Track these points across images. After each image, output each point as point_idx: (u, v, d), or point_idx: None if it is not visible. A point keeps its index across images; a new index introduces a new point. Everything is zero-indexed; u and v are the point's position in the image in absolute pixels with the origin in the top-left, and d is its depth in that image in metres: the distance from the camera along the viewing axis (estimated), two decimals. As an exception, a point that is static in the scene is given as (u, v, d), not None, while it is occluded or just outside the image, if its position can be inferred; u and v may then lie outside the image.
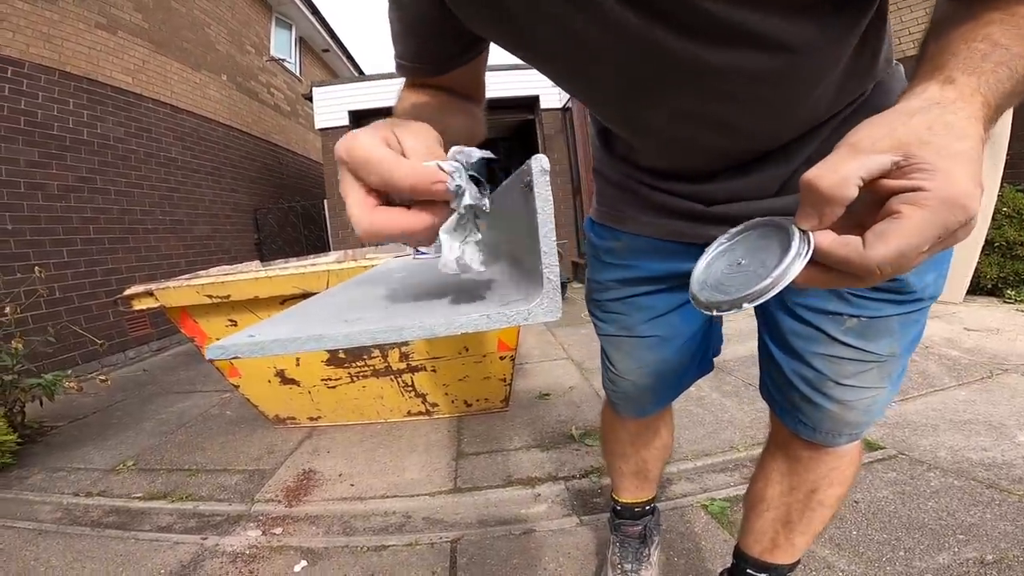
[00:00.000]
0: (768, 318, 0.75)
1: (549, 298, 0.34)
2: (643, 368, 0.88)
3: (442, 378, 2.43)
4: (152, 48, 5.42)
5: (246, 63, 7.53)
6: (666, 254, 0.76)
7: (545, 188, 0.34)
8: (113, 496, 1.92)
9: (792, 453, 0.81)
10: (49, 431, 2.75)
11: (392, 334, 0.35)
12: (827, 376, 0.70)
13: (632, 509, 1.14)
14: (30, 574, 1.44)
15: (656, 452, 1.07)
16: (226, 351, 0.37)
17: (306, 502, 1.78)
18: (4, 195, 3.72)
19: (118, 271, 4.61)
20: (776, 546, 0.86)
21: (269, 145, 7.94)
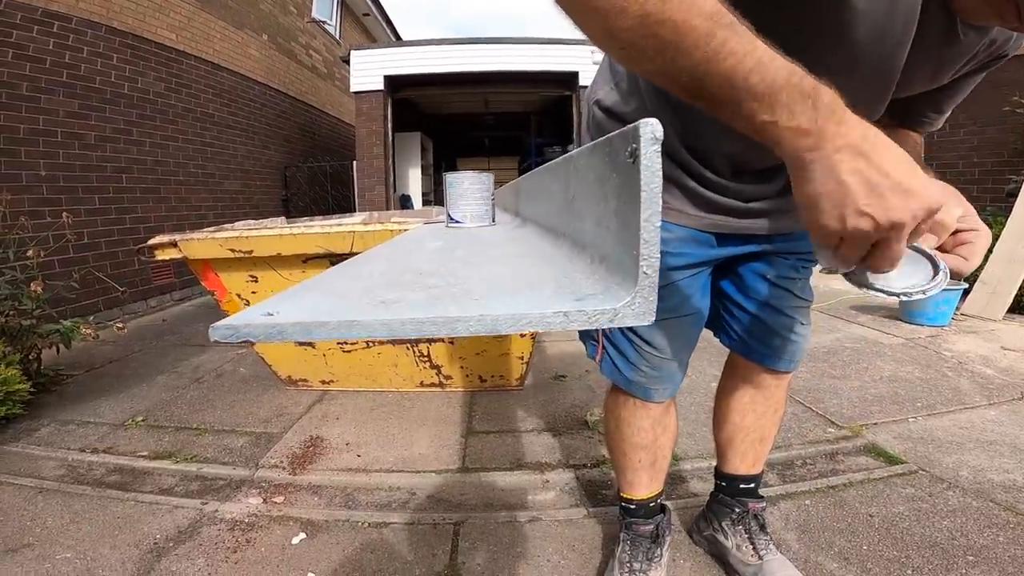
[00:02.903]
0: (751, 291, 1.00)
1: (643, 297, 0.29)
2: (688, 344, 0.99)
3: (459, 351, 2.35)
4: (197, 5, 5.39)
5: (288, 23, 7.47)
6: (702, 243, 0.89)
7: (656, 161, 0.28)
8: (119, 454, 1.89)
9: (762, 384, 1.09)
10: (64, 380, 2.75)
11: (444, 327, 0.30)
12: (796, 319, 1.00)
13: (647, 506, 1.14)
14: (25, 535, 1.41)
15: (670, 436, 1.10)
16: (237, 333, 0.31)
17: (310, 471, 1.74)
18: (40, 143, 3.76)
19: (147, 220, 4.65)
20: (757, 459, 1.17)
21: (304, 106, 7.92)
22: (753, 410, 1.11)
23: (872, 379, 2.43)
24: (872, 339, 3.09)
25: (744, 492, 1.18)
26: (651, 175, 0.28)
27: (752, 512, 1.17)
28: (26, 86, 3.69)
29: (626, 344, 0.97)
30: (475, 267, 0.51)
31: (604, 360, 1.03)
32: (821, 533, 1.36)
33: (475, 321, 0.29)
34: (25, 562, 1.29)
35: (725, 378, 1.17)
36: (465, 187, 1.13)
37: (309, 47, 8.22)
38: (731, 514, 1.19)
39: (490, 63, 6.68)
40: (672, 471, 1.67)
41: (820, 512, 1.45)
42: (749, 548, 1.15)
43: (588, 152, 0.41)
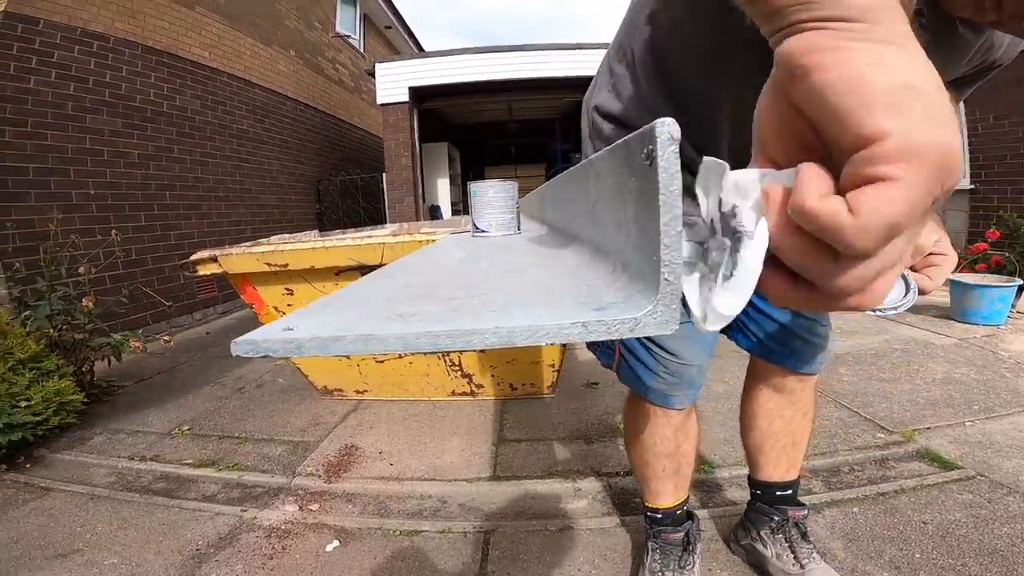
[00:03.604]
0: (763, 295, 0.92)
1: (665, 305, 0.27)
2: (706, 350, 0.97)
3: (489, 359, 2.35)
4: (227, 23, 5.58)
5: (313, 39, 7.67)
6: None
7: (674, 162, 0.26)
8: (165, 462, 1.97)
9: (787, 389, 1.06)
10: (116, 391, 2.89)
11: (459, 340, 0.29)
12: (815, 321, 0.98)
13: (674, 514, 1.12)
14: (76, 540, 1.48)
15: (693, 443, 1.08)
16: (257, 348, 0.31)
17: (345, 479, 1.77)
18: (88, 163, 3.94)
19: (191, 236, 4.84)
20: (791, 465, 1.13)
21: (333, 119, 8.11)
22: (781, 415, 1.08)
23: (924, 382, 2.31)
24: (923, 340, 2.93)
25: (782, 500, 1.15)
26: (669, 177, 0.26)
27: (793, 520, 1.14)
28: (71, 105, 3.86)
29: (643, 351, 0.96)
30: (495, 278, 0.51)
31: (622, 367, 1.02)
32: (870, 541, 1.30)
33: (490, 334, 0.28)
34: (74, 567, 1.35)
35: (749, 383, 1.14)
36: (489, 196, 1.13)
37: (335, 61, 8.42)
38: (769, 522, 1.16)
39: (513, 71, 6.71)
40: (709, 479, 1.63)
41: (869, 520, 1.39)
42: (790, 557, 1.12)
43: (607, 156, 0.40)
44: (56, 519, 1.59)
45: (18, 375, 2.14)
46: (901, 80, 0.21)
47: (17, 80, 3.53)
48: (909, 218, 0.21)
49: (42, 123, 3.66)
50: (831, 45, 0.23)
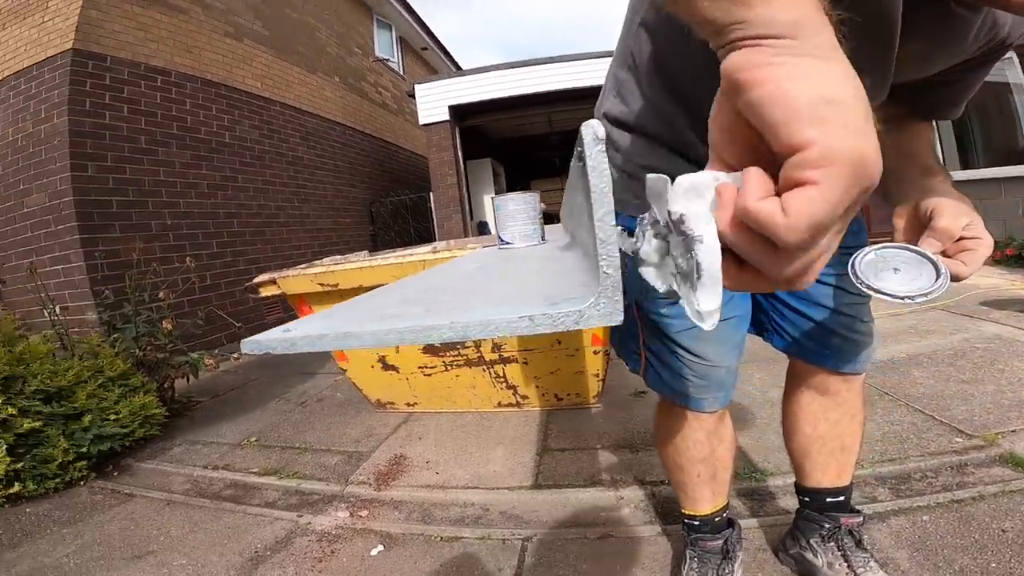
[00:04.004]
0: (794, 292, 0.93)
1: (607, 297, 0.28)
2: (734, 350, 0.94)
3: (533, 370, 2.36)
4: (274, 54, 5.93)
5: (355, 64, 8.02)
6: None
7: (601, 161, 0.28)
8: (234, 470, 2.12)
9: (830, 390, 1.01)
10: (194, 405, 3.13)
11: (420, 334, 0.32)
12: (855, 317, 0.93)
13: (712, 521, 1.08)
14: (151, 543, 1.62)
15: (728, 447, 1.05)
16: (260, 346, 0.37)
17: (393, 487, 1.83)
18: (163, 194, 4.30)
19: (257, 261, 5.17)
20: (842, 471, 1.06)
21: (381, 142, 8.44)
22: (825, 418, 1.03)
23: (1010, 382, 2.10)
24: (1009, 337, 2.67)
25: (833, 507, 1.09)
26: (598, 175, 0.28)
27: (846, 527, 1.08)
28: (144, 139, 4.19)
29: (668, 354, 0.94)
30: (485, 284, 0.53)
31: (648, 371, 1.00)
32: (940, 551, 1.21)
33: (447, 328, 0.31)
34: (147, 568, 1.48)
35: (789, 385, 1.09)
36: (511, 208, 1.15)
37: (378, 85, 8.76)
38: (819, 530, 1.10)
39: (549, 82, 6.74)
40: (760, 487, 1.56)
41: (940, 528, 1.29)
42: (843, 566, 1.06)
43: (574, 161, 0.42)
44: (136, 523, 1.75)
45: (108, 391, 2.37)
46: (820, 93, 0.24)
47: (94, 116, 3.85)
48: (831, 216, 0.24)
49: (120, 157, 3.99)
50: (763, 61, 0.26)
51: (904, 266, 0.57)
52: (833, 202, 0.23)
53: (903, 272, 0.57)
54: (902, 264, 0.58)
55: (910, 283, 0.56)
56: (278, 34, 6.06)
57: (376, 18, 9.11)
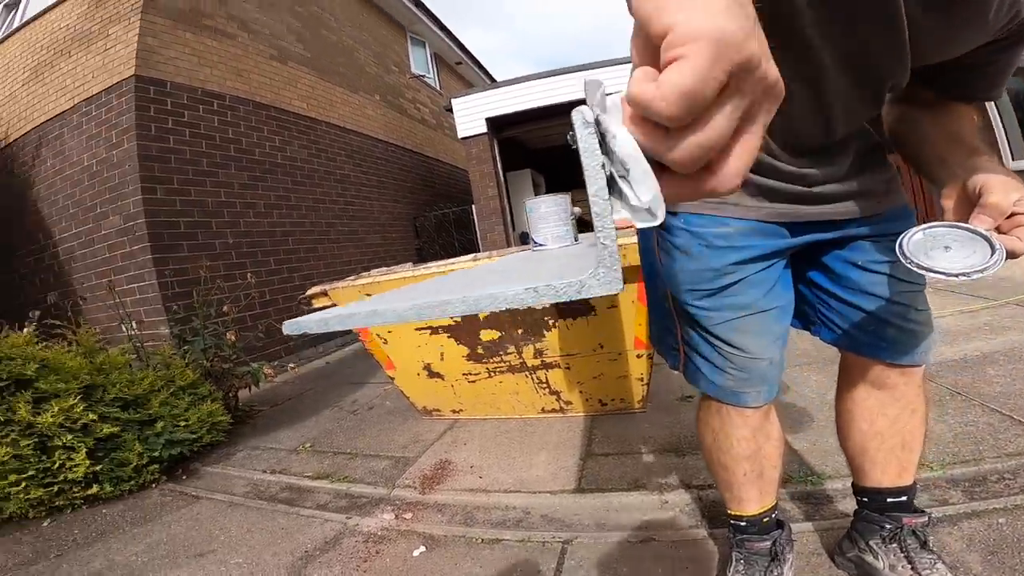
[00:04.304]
0: (844, 280, 0.91)
1: (605, 267, 0.30)
2: (776, 341, 0.92)
3: (576, 375, 2.35)
4: (317, 75, 6.17)
5: (392, 82, 8.24)
6: (769, 234, 0.86)
7: (591, 142, 0.29)
8: (290, 474, 2.22)
9: (887, 384, 0.96)
10: (256, 413, 3.31)
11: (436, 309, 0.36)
12: (910, 305, 0.89)
13: (760, 521, 1.04)
14: (212, 542, 1.72)
15: (775, 445, 1.01)
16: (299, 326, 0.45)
17: (437, 490, 1.87)
18: (225, 214, 4.55)
19: (312, 276, 5.39)
20: (904, 469, 1.01)
21: (422, 157, 8.65)
22: (883, 414, 0.97)
23: (1099, 381, 1.90)
24: (1103, 332, 2.42)
25: (894, 507, 1.03)
26: (588, 155, 0.29)
27: (909, 527, 1.02)
28: (206, 162, 4.43)
29: (707, 347, 0.92)
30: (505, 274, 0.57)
31: (688, 367, 0.99)
32: (1017, 553, 1.12)
33: (459, 302, 0.34)
34: (207, 565, 1.58)
35: (842, 381, 1.04)
36: (543, 211, 1.17)
37: (416, 101, 8.96)
38: (880, 531, 1.05)
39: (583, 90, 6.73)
40: (817, 490, 1.49)
41: (1018, 530, 1.19)
42: (906, 568, 1.00)
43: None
44: (200, 523, 1.87)
45: (179, 399, 2.55)
46: None
47: (159, 140, 4.10)
48: (698, 85, 0.24)
49: (185, 180, 4.24)
50: None
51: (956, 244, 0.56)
52: (699, 71, 0.24)
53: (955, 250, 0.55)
54: (953, 242, 0.56)
55: (963, 260, 0.54)
56: (319, 55, 6.30)
57: (410, 36, 9.35)
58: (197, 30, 4.63)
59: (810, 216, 0.84)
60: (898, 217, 0.88)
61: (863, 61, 0.65)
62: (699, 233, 0.87)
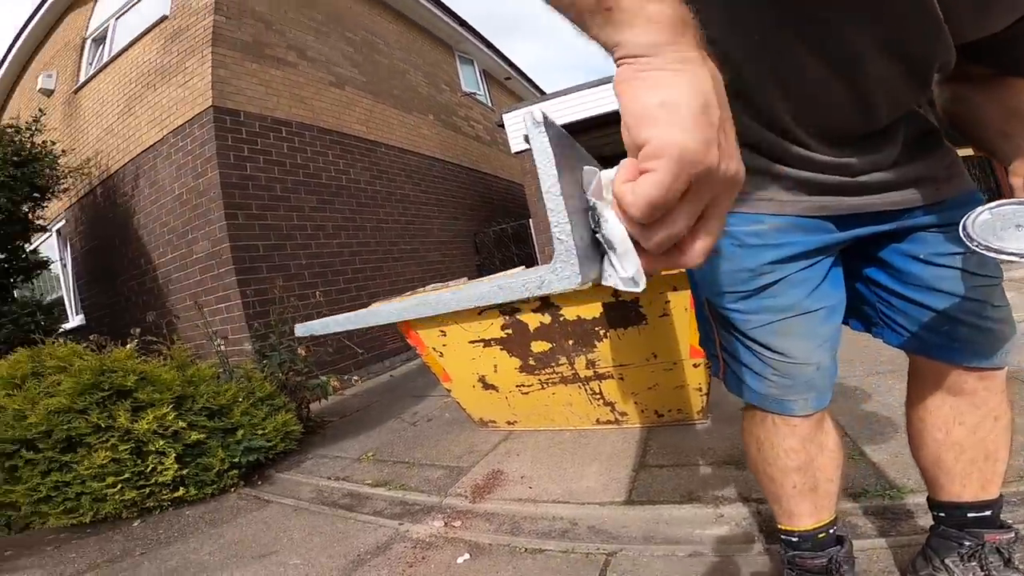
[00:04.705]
0: (906, 276, 0.83)
1: (562, 261, 0.32)
2: (823, 345, 0.85)
3: (630, 386, 2.29)
4: (373, 99, 6.43)
5: (444, 100, 8.45)
6: (811, 229, 0.80)
7: (542, 142, 0.32)
8: (352, 481, 2.33)
9: (964, 389, 0.87)
10: (326, 424, 3.50)
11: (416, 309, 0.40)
12: (985, 302, 0.80)
13: (814, 537, 0.96)
14: (275, 544, 1.84)
15: (831, 457, 0.94)
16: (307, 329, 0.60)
17: (487, 500, 1.89)
18: (297, 237, 4.85)
19: (377, 295, 5.62)
20: (987, 482, 0.91)
21: (479, 174, 8.81)
22: (960, 422, 0.88)
23: None
24: None
25: (976, 523, 0.93)
26: (540, 154, 0.32)
27: (992, 545, 0.91)
28: (279, 187, 4.73)
29: (745, 352, 0.87)
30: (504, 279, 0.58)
31: (727, 374, 0.94)
32: None
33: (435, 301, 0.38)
34: (269, 565, 1.70)
35: (912, 387, 0.95)
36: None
37: (469, 118, 9.12)
38: (958, 548, 0.95)
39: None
40: (895, 505, 1.38)
41: None
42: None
43: None
44: (268, 525, 2.00)
45: (257, 410, 2.75)
46: (660, 99, 0.30)
47: (238, 168, 4.41)
48: (664, 196, 0.29)
49: (262, 205, 4.56)
50: (629, 76, 0.32)
51: None
52: (665, 184, 0.29)
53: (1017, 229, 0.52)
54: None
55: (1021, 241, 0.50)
56: (373, 79, 6.56)
57: (458, 55, 9.54)
58: (261, 60, 4.95)
59: (857, 208, 0.78)
60: (964, 204, 0.79)
61: (900, 45, 0.62)
62: (731, 232, 0.83)
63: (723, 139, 0.32)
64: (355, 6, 6.70)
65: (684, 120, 0.30)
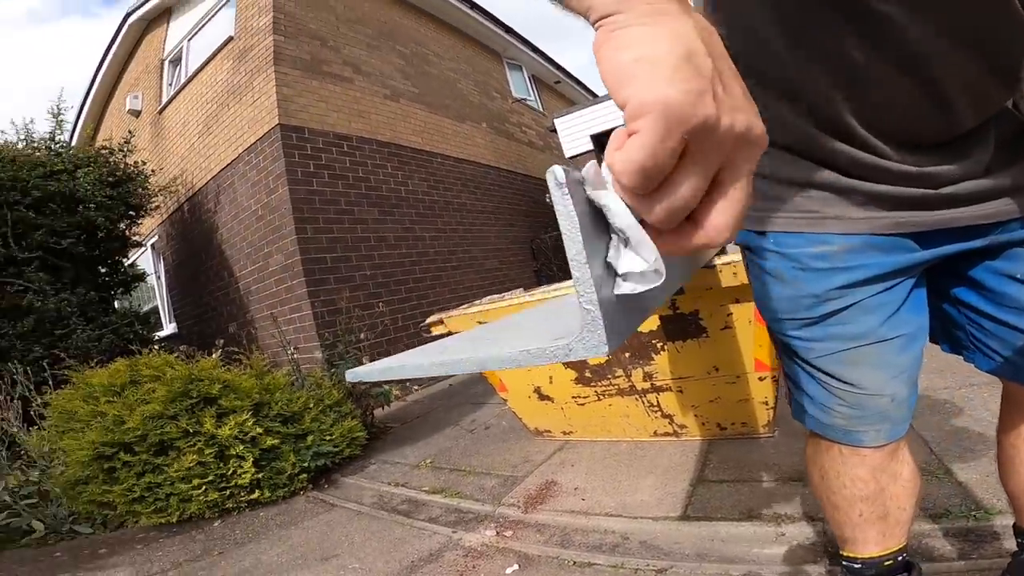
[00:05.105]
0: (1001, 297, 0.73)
1: (589, 331, 0.30)
2: (900, 375, 0.77)
3: (690, 399, 2.22)
4: (427, 110, 6.56)
5: (496, 108, 8.48)
6: (887, 248, 0.71)
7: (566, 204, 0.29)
8: (410, 488, 2.41)
9: None
10: (388, 430, 3.63)
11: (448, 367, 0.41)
12: None
13: (879, 563, 0.87)
14: (337, 547, 1.94)
15: (906, 485, 0.85)
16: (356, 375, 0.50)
17: (539, 510, 1.90)
18: (361, 248, 5.03)
19: (437, 303, 5.74)
20: None
21: (533, 179, 8.78)
22: None
23: None
24: None
25: None
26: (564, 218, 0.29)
27: None
28: (343, 201, 4.90)
29: (809, 380, 0.80)
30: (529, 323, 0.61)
31: (792, 401, 0.88)
32: None
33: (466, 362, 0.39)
34: (330, 568, 1.78)
35: (1005, 413, 0.86)
36: None
37: (521, 124, 9.11)
38: None
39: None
40: (982, 526, 1.27)
41: None
42: None
43: None
44: (331, 528, 2.11)
45: (326, 416, 2.91)
46: (633, 55, 0.27)
47: (305, 183, 4.61)
48: (654, 156, 0.26)
49: (328, 219, 4.75)
50: (603, 39, 0.29)
51: None
52: (652, 143, 0.25)
53: None
54: None
55: None
56: (426, 90, 6.69)
57: (506, 61, 9.53)
58: (320, 77, 5.16)
59: (942, 223, 0.68)
60: None
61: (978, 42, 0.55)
62: (792, 255, 0.75)
63: (720, 90, 0.28)
64: (403, 19, 6.88)
65: (663, 71, 0.26)
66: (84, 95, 8.36)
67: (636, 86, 0.26)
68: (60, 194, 4.67)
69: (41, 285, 4.35)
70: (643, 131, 0.25)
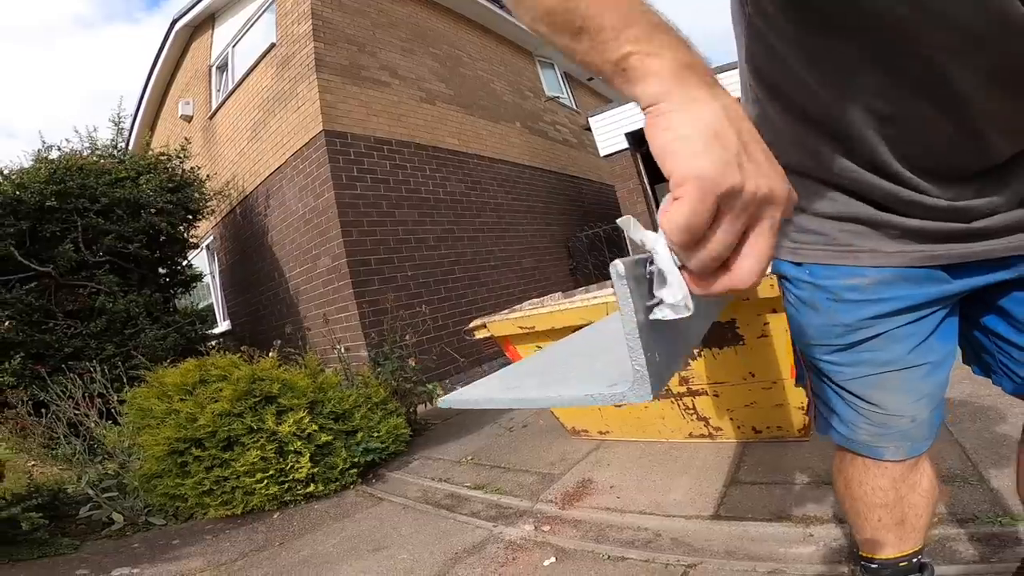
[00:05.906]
0: None
1: (639, 384, 0.38)
2: (922, 400, 0.80)
3: (726, 403, 2.26)
4: (463, 111, 6.60)
5: (530, 107, 8.44)
6: (920, 280, 0.73)
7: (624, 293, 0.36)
8: (453, 483, 2.54)
9: None
10: (431, 427, 3.80)
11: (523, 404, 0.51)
12: None
13: (895, 565, 0.93)
14: (387, 539, 2.08)
15: (923, 496, 0.90)
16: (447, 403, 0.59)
17: (576, 507, 1.99)
18: (403, 250, 5.16)
19: (476, 303, 5.84)
20: None
21: (568, 178, 8.73)
22: None
23: None
24: None
25: None
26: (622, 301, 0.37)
27: None
28: (385, 204, 5.02)
29: (837, 400, 0.85)
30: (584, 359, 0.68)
31: (818, 418, 0.93)
32: None
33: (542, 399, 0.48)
34: (380, 559, 1.92)
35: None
36: None
37: (555, 123, 9.03)
38: None
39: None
40: (1006, 531, 1.29)
41: None
42: None
43: None
44: (381, 521, 2.26)
45: (374, 414, 3.07)
46: (674, 135, 0.35)
47: (349, 188, 4.74)
48: (692, 218, 0.33)
49: (372, 221, 4.88)
50: (651, 123, 0.37)
51: None
52: (690, 208, 0.32)
53: None
54: None
55: None
56: (460, 92, 6.73)
57: (537, 59, 9.42)
58: (360, 82, 5.28)
59: (975, 255, 0.68)
60: None
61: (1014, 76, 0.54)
62: (827, 286, 0.78)
63: (745, 160, 0.34)
64: (435, 22, 6.93)
65: (696, 148, 0.33)
66: (138, 102, 8.62)
67: (676, 160, 0.34)
68: (125, 200, 4.93)
69: (111, 287, 4.64)
70: (683, 198, 0.33)
